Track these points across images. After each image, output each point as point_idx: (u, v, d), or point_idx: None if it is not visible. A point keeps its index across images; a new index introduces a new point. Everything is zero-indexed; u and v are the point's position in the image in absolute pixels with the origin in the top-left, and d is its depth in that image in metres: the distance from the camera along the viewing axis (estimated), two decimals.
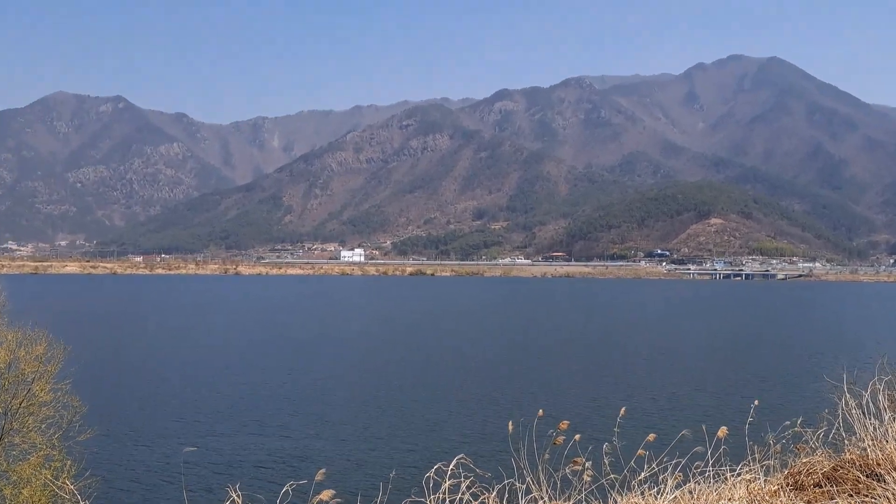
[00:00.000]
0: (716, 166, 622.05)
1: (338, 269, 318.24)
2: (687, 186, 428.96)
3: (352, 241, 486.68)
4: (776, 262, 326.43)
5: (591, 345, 55.10)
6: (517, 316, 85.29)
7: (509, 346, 53.43)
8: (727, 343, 56.25)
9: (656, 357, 47.23)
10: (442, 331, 64.76)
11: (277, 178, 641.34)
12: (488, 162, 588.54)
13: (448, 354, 47.92)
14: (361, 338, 56.94)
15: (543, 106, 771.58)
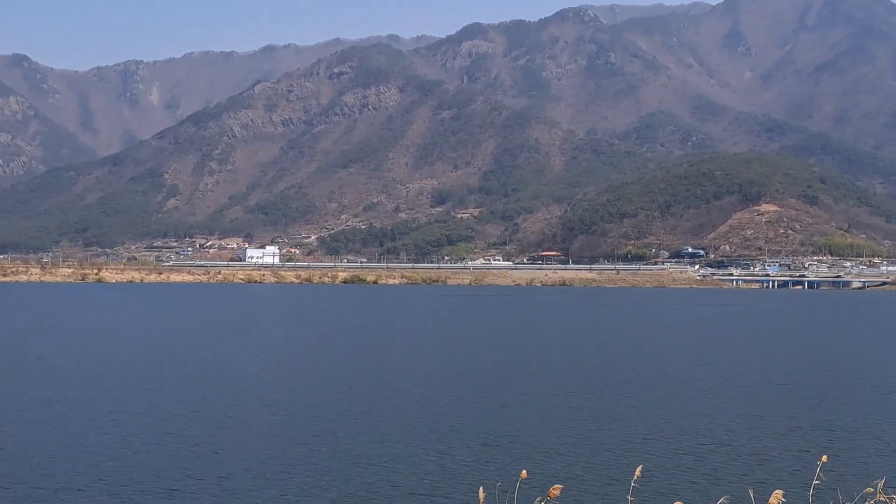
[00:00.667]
0: (768, 133, 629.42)
1: (242, 274, 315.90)
2: (729, 160, 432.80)
3: (262, 236, 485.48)
4: (851, 265, 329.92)
5: (595, 375, 54.59)
6: (492, 339, 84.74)
7: (481, 380, 52.69)
8: (784, 378, 56.02)
9: (685, 396, 46.73)
10: (387, 361, 63.94)
11: (157, 148, 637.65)
12: (453, 125, 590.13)
13: (395, 394, 47.06)
14: (268, 387, 55.89)
15: (530, 47, 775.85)
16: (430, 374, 54.93)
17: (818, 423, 39.53)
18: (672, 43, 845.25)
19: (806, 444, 34.71)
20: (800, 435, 36.71)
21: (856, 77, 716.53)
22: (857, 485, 12.39)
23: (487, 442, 34.50)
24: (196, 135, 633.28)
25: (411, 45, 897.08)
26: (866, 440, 35.76)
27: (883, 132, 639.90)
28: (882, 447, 34.04)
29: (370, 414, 40.64)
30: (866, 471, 28.96)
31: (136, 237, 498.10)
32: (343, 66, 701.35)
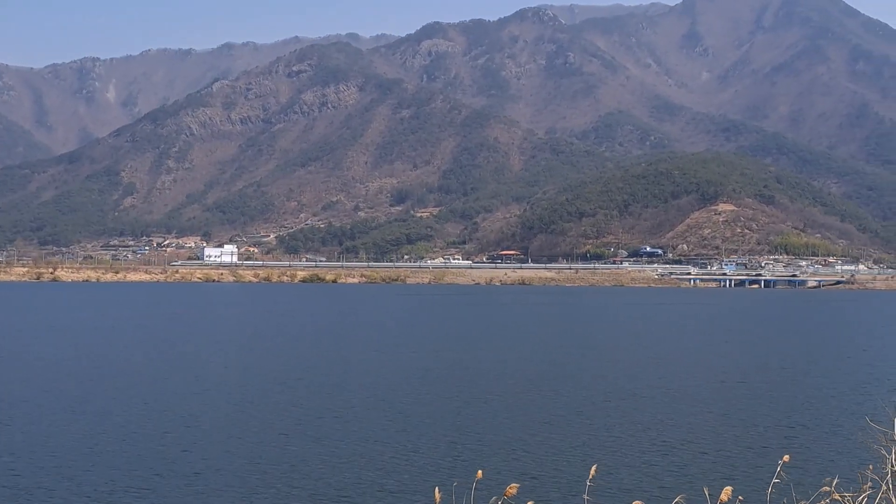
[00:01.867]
0: (725, 133, 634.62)
1: (200, 273, 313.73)
2: (686, 160, 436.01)
3: (220, 235, 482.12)
4: (806, 265, 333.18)
5: (553, 374, 54.43)
6: (449, 335, 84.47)
7: (438, 379, 52.41)
8: (743, 377, 56.19)
9: (644, 395, 46.70)
10: (346, 360, 63.46)
11: (113, 145, 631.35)
12: (413, 124, 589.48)
13: (353, 393, 46.64)
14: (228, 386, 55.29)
15: (489, 47, 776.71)
16: (387, 374, 54.62)
17: (778, 422, 39.61)
18: (630, 43, 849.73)
19: (766, 442, 34.75)
20: (760, 433, 36.76)
21: (811, 78, 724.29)
22: (814, 483, 12.23)
23: (445, 441, 34.26)
24: (153, 133, 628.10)
25: (371, 43, 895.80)
26: (825, 438, 35.89)
27: (837, 133, 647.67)
28: (841, 445, 34.17)
29: (328, 413, 40.28)
30: (825, 469, 29.06)
31: (93, 236, 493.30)
32: (302, 64, 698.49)
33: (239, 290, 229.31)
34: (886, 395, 43.23)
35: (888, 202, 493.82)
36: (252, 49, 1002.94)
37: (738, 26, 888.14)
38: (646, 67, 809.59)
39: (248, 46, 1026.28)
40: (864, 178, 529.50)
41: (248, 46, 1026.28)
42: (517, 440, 34.71)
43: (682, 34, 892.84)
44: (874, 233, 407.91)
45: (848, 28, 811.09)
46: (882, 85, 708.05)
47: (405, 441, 34.50)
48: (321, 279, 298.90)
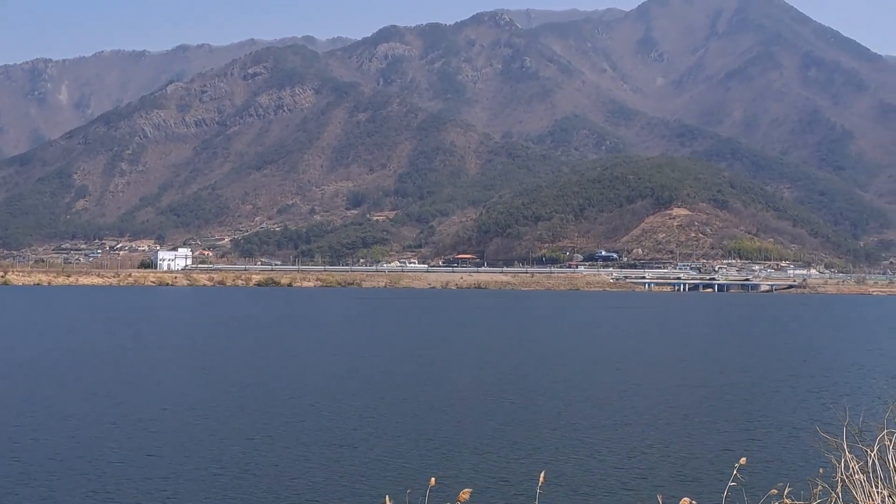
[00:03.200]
0: (680, 137, 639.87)
1: (154, 276, 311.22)
2: (641, 164, 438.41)
3: (174, 238, 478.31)
4: (759, 269, 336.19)
5: (507, 379, 54.45)
6: (403, 341, 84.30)
7: (389, 385, 52.26)
8: (698, 381, 56.58)
9: (599, 400, 46.82)
10: (299, 366, 63.08)
11: (65, 148, 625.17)
12: (369, 127, 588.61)
13: (306, 399, 46.34)
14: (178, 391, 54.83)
15: (446, 51, 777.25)
16: (340, 380, 54.40)
17: (735, 425, 39.83)
18: (586, 48, 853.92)
19: (722, 446, 34.93)
20: (716, 437, 36.95)
21: (764, 84, 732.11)
22: (768, 487, 12.31)
23: (398, 449, 34.15)
24: (106, 135, 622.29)
25: (327, 46, 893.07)
26: (782, 441, 36.14)
27: (790, 138, 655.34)
28: (797, 448, 34.40)
29: (281, 419, 40.02)
30: (779, 474, 29.29)
31: (44, 239, 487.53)
32: (258, 66, 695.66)
33: (193, 294, 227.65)
34: (838, 400, 43.62)
35: (839, 207, 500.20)
36: (207, 51, 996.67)
37: (692, 32, 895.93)
38: (601, 72, 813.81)
39: (203, 48, 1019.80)
40: (816, 183, 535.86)
41: (203, 48, 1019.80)
42: (471, 446, 34.64)
43: (637, 39, 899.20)
44: (825, 237, 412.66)
45: (800, 35, 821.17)
46: (833, 91, 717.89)
47: (357, 448, 34.31)
48: (276, 283, 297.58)
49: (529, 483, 27.70)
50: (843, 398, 44.56)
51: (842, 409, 17.32)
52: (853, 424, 14.53)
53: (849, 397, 45.07)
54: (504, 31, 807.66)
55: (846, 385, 53.86)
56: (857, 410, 21.28)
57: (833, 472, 12.06)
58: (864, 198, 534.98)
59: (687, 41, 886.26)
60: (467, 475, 29.80)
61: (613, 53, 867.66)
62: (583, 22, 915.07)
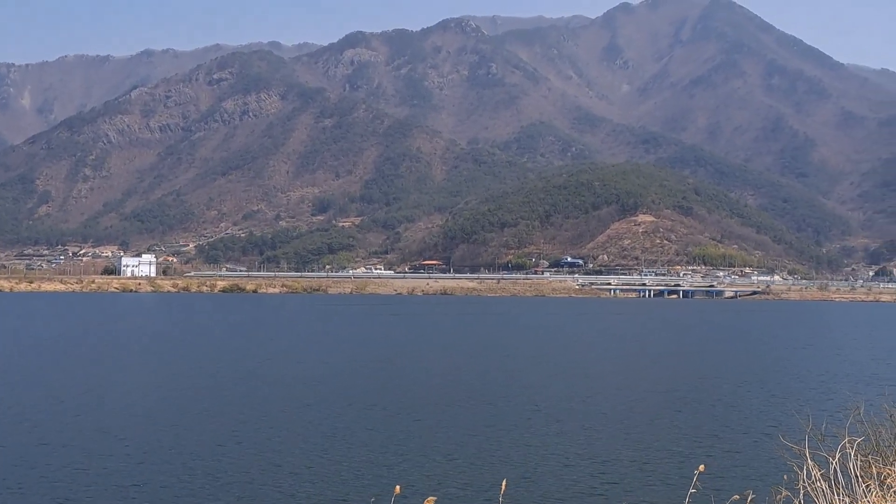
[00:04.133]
0: (645, 144, 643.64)
1: (117, 283, 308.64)
2: (607, 171, 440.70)
3: (138, 244, 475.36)
4: (723, 275, 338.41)
5: (473, 386, 54.27)
6: (369, 351, 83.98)
7: (356, 393, 51.96)
8: (664, 387, 56.67)
9: (562, 408, 46.74)
10: (262, 374, 62.61)
11: (28, 153, 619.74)
12: (335, 133, 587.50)
13: (269, 408, 45.99)
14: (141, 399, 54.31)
15: (412, 57, 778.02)
16: (304, 387, 54.03)
17: (700, 432, 39.84)
18: (552, 55, 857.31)
19: (687, 452, 34.92)
20: (681, 444, 36.96)
21: (728, 91, 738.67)
22: (732, 493, 12.27)
23: (364, 456, 33.94)
24: (70, 140, 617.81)
25: (293, 52, 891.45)
26: (747, 448, 36.20)
27: (753, 146, 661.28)
28: (761, 455, 34.46)
29: (250, 426, 39.69)
30: (742, 482, 29.33)
31: (6, 245, 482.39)
32: (223, 72, 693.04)
33: (157, 301, 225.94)
34: (801, 407, 43.80)
35: (802, 214, 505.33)
36: (172, 56, 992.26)
37: (657, 40, 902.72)
38: (567, 79, 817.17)
39: (168, 53, 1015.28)
40: (779, 190, 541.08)
41: (168, 53, 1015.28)
42: (437, 453, 34.48)
43: (602, 47, 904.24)
44: (789, 244, 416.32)
45: (763, 43, 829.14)
46: (796, 99, 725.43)
47: (324, 455, 34.09)
48: (241, 289, 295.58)
49: (494, 490, 27.59)
50: (807, 405, 44.75)
51: (805, 416, 17.33)
52: (816, 431, 14.51)
53: (812, 404, 45.27)
54: (470, 37, 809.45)
55: (810, 392, 54.11)
56: (820, 417, 21.35)
57: (796, 479, 12.02)
58: (827, 205, 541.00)
59: (652, 49, 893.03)
60: (432, 483, 29.67)
61: (579, 60, 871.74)
62: (549, 29, 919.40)
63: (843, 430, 13.48)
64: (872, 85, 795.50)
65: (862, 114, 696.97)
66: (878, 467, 13.34)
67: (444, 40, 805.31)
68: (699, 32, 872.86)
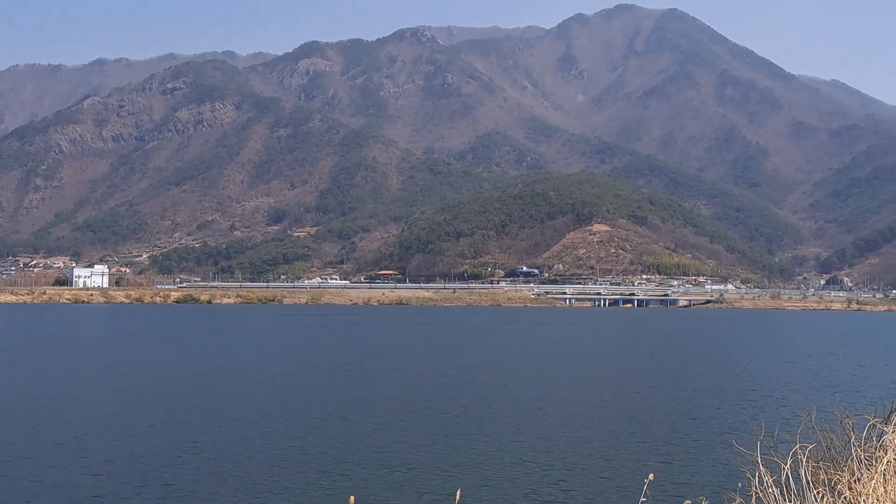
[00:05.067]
0: (600, 154, 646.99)
1: (69, 294, 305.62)
2: (562, 181, 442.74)
3: (91, 255, 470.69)
4: (677, 284, 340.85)
5: (428, 396, 54.14)
6: (322, 357, 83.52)
7: (310, 404, 51.66)
8: (619, 395, 56.80)
9: (515, 418, 46.68)
10: (216, 384, 62.01)
11: None
12: (290, 143, 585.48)
13: (224, 418, 45.57)
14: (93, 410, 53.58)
15: (368, 66, 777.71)
16: (258, 398, 53.57)
17: (655, 439, 39.88)
18: (507, 65, 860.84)
19: (641, 460, 34.93)
20: (635, 452, 36.97)
21: (681, 102, 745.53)
22: (685, 500, 12.18)
23: (318, 467, 33.63)
24: (21, 150, 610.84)
25: (248, 61, 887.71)
26: (700, 455, 36.25)
27: (706, 155, 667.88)
28: (714, 462, 34.51)
29: (205, 437, 39.23)
30: (698, 487, 29.37)
31: None
32: (177, 81, 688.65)
33: (107, 313, 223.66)
34: (754, 413, 43.98)
35: (755, 223, 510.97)
36: (125, 65, 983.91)
37: (611, 50, 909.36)
38: (522, 89, 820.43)
39: (121, 63, 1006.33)
40: (732, 199, 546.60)
41: (121, 63, 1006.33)
42: (394, 463, 34.27)
43: (557, 57, 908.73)
44: (742, 253, 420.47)
45: (716, 54, 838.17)
46: (749, 109, 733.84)
47: (278, 466, 33.77)
48: (195, 300, 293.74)
49: (449, 500, 27.37)
50: (760, 412, 44.97)
51: (758, 423, 17.31)
52: (769, 438, 14.47)
53: (765, 411, 45.48)
54: (426, 47, 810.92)
55: (763, 399, 54.41)
56: (772, 424, 21.35)
57: (749, 486, 11.96)
58: (779, 214, 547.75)
59: (606, 59, 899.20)
60: (388, 492, 29.48)
61: (534, 71, 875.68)
62: (504, 39, 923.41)
63: (795, 436, 13.48)
64: (823, 96, 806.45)
65: (813, 124, 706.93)
66: (828, 473, 13.35)
67: (399, 50, 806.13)
68: (653, 43, 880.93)
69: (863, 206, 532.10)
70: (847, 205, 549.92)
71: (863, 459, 12.36)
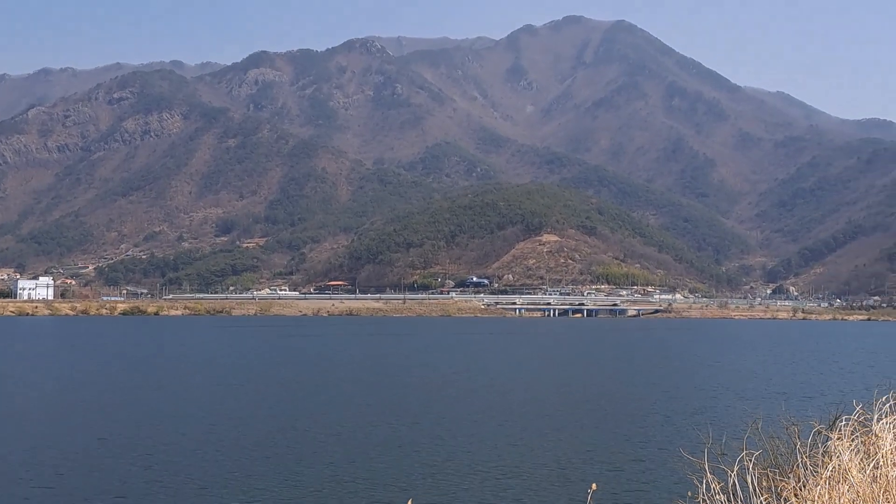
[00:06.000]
0: (549, 165, 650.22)
1: (13, 306, 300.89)
2: (512, 191, 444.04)
3: (35, 267, 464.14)
4: (626, 294, 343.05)
5: (370, 407, 53.89)
6: (272, 373, 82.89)
7: (252, 416, 51.19)
8: (567, 405, 56.82)
9: (461, 427, 46.56)
10: (163, 400, 61.27)
11: None
12: (239, 153, 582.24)
13: (170, 432, 45.01)
14: (37, 424, 52.80)
15: (317, 77, 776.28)
16: (206, 411, 53.00)
17: (603, 449, 39.90)
18: (457, 76, 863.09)
19: (590, 470, 34.89)
20: (584, 462, 36.96)
21: (630, 113, 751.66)
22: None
23: (264, 483, 33.27)
24: None
25: (195, 71, 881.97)
26: (649, 464, 36.32)
27: (654, 166, 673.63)
28: (662, 470, 34.55)
29: (157, 450, 38.71)
30: (644, 493, 29.41)
31: None
32: (124, 91, 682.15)
33: (52, 326, 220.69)
34: (702, 421, 44.18)
35: (702, 233, 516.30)
36: (71, 75, 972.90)
37: (560, 61, 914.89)
38: (472, 100, 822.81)
39: (67, 72, 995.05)
40: (680, 209, 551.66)
41: (67, 72, 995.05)
42: (344, 476, 34.00)
43: (506, 68, 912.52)
44: (690, 263, 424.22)
45: (664, 65, 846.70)
46: (696, 121, 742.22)
47: (225, 479, 33.36)
48: (143, 311, 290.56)
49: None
50: (708, 420, 45.19)
51: (705, 430, 17.31)
52: (716, 445, 14.46)
53: (713, 419, 45.71)
54: (375, 57, 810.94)
55: (711, 407, 54.71)
56: (720, 432, 21.39)
57: (696, 493, 11.92)
58: (726, 224, 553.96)
59: (555, 70, 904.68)
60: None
61: (484, 81, 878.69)
62: (453, 50, 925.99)
63: (741, 443, 13.48)
64: (769, 107, 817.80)
65: (759, 135, 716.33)
66: (775, 480, 13.37)
67: (349, 60, 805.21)
68: (601, 55, 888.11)
69: (807, 217, 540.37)
70: (792, 215, 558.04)
71: (808, 466, 12.38)
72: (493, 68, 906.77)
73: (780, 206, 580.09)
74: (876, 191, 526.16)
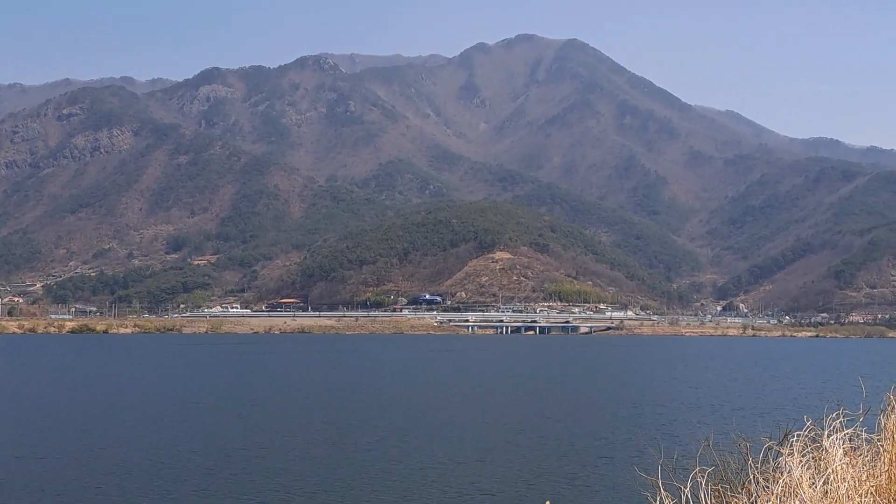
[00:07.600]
0: (502, 182, 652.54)
1: None
2: (465, 208, 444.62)
3: None
4: (579, 311, 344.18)
5: (326, 423, 53.62)
6: (224, 388, 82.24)
7: (208, 431, 50.72)
8: (519, 423, 56.83)
9: (415, 446, 46.42)
10: (121, 416, 60.53)
11: None
12: (190, 170, 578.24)
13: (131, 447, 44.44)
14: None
15: (269, 93, 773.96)
16: (154, 430, 52.43)
17: (556, 467, 39.90)
18: (410, 93, 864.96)
19: (543, 487, 34.87)
20: (536, 479, 36.94)
21: (582, 131, 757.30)
22: None
23: (219, 491, 32.94)
24: None
25: (146, 87, 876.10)
26: (602, 481, 36.35)
27: (607, 183, 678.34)
28: (615, 487, 34.61)
29: (120, 465, 38.21)
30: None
31: None
32: (73, 107, 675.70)
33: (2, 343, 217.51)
34: (654, 438, 44.33)
35: (654, 251, 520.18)
36: (19, 91, 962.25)
37: (513, 79, 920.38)
38: (425, 117, 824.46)
39: (15, 88, 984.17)
40: (632, 227, 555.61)
41: (15, 88, 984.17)
42: (294, 498, 33.76)
43: (459, 86, 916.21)
44: (641, 280, 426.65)
45: (615, 84, 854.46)
46: (647, 139, 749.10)
47: (176, 492, 33.02)
48: (91, 329, 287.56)
49: None
50: (660, 437, 45.36)
51: (658, 447, 17.35)
52: (668, 462, 14.48)
53: (665, 436, 45.90)
54: (328, 74, 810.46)
55: (663, 424, 54.96)
56: (672, 449, 21.45)
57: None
58: (677, 241, 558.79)
59: (508, 88, 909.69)
60: None
61: (437, 99, 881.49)
62: (406, 67, 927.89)
63: (693, 460, 13.52)
64: (719, 126, 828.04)
65: (709, 153, 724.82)
66: (727, 496, 13.46)
67: (301, 77, 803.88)
68: (554, 73, 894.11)
69: (757, 234, 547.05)
70: (742, 232, 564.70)
71: (760, 482, 12.43)
72: (446, 86, 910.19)
73: (731, 223, 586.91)
74: (823, 209, 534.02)
